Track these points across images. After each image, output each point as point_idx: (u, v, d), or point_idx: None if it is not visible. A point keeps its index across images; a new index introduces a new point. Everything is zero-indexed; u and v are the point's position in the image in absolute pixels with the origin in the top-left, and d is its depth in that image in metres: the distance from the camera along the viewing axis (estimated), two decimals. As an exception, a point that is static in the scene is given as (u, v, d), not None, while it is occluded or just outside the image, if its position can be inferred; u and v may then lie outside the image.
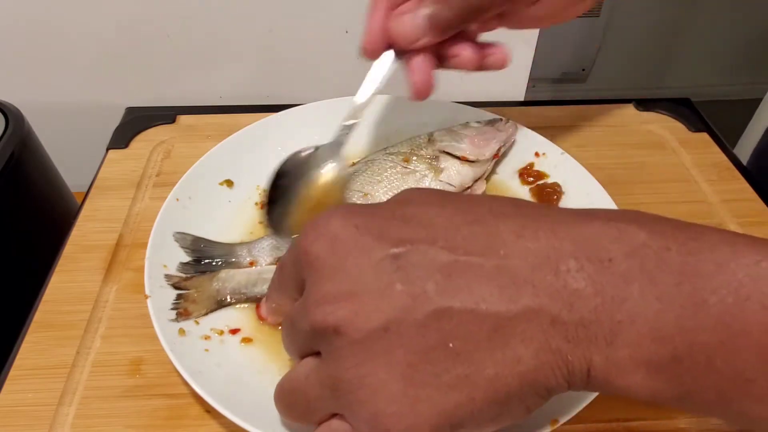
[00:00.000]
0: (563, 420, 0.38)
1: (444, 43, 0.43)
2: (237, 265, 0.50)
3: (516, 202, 0.29)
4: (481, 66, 0.44)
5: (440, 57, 0.44)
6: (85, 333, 0.47)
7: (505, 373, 0.26)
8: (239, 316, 0.47)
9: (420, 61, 0.43)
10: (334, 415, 0.30)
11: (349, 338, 0.26)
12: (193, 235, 0.51)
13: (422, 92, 0.44)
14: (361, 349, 0.26)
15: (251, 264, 0.50)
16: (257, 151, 0.59)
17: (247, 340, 0.45)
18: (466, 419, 0.26)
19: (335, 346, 0.27)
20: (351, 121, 0.48)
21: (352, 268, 0.27)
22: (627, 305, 0.25)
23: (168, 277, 0.47)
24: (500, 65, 0.45)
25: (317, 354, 0.29)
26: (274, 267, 0.48)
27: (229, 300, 0.47)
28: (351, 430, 0.29)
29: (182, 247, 0.49)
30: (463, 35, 0.43)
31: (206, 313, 0.45)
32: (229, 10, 0.71)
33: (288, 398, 0.32)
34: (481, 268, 0.26)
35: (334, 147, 0.48)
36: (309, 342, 0.29)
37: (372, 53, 0.44)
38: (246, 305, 0.47)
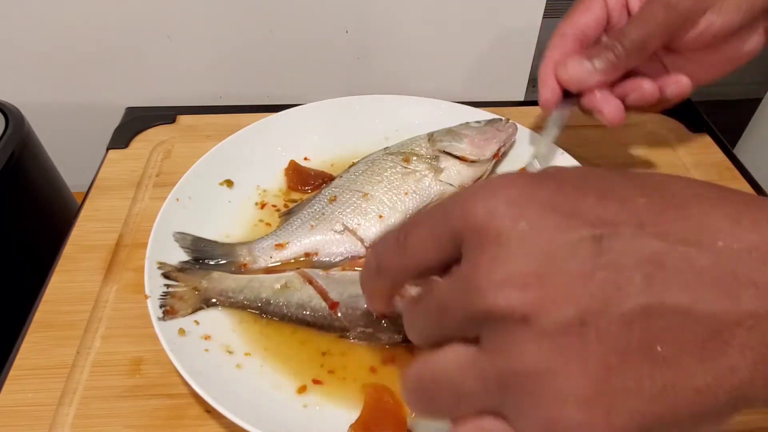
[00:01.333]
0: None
1: (618, 83, 0.48)
2: (236, 265, 0.50)
3: (714, 185, 0.25)
4: (663, 97, 0.48)
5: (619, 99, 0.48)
6: (85, 333, 0.47)
7: (716, 385, 0.22)
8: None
9: (600, 96, 0.47)
10: (485, 412, 0.25)
11: (537, 328, 0.22)
12: (192, 235, 0.51)
13: (616, 116, 0.47)
14: (550, 342, 0.22)
15: (245, 266, 0.50)
16: (257, 151, 0.59)
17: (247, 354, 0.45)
18: None
19: (515, 336, 0.23)
20: (537, 164, 0.53)
21: (543, 246, 0.23)
22: None
23: (161, 264, 0.47)
24: (683, 94, 0.48)
25: (468, 341, 0.25)
26: (263, 276, 0.48)
27: (214, 301, 0.47)
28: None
29: (182, 247, 0.50)
30: (632, 72, 0.47)
31: (192, 312, 0.45)
32: (229, 11, 0.71)
33: (429, 390, 0.26)
34: (697, 260, 0.22)
35: None
36: (465, 327, 0.25)
37: (550, 103, 0.49)
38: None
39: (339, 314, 0.45)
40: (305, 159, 0.61)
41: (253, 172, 0.58)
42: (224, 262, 0.50)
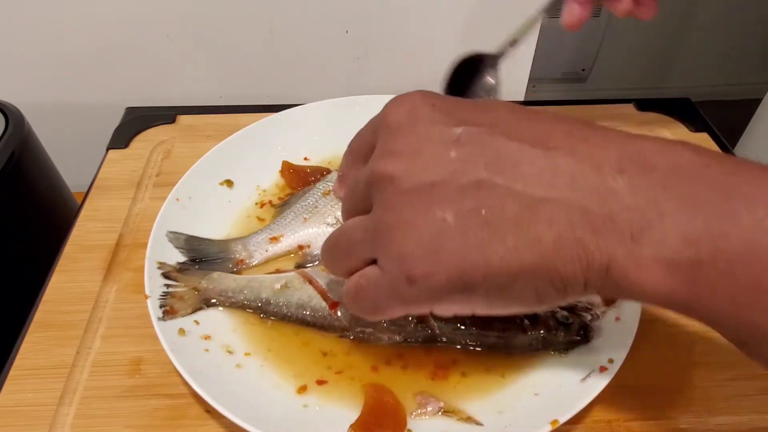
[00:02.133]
0: (563, 420, 0.38)
1: None
2: (233, 262, 0.50)
3: (578, 119, 0.31)
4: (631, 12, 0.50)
5: None
6: (85, 333, 0.47)
7: (523, 248, 0.28)
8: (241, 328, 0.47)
9: None
10: (366, 263, 0.33)
11: (399, 187, 0.30)
12: (186, 234, 0.51)
13: (578, 22, 0.50)
14: (407, 198, 0.29)
15: (241, 261, 0.50)
16: (257, 151, 0.59)
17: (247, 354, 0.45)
18: (478, 282, 0.29)
19: (386, 194, 0.30)
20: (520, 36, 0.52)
21: (419, 132, 0.30)
22: (660, 207, 0.26)
23: (161, 264, 0.47)
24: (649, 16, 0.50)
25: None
26: (263, 276, 0.48)
27: (214, 301, 0.47)
28: (379, 275, 0.31)
29: (176, 247, 0.49)
30: None
31: (192, 312, 0.45)
32: (229, 10, 0.71)
33: (334, 242, 0.35)
34: (527, 154, 0.29)
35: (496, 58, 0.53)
36: (365, 196, 0.32)
37: None
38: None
39: (339, 314, 0.45)
40: (305, 159, 0.61)
41: (253, 172, 0.58)
42: (220, 259, 0.50)
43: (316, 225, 0.52)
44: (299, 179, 0.58)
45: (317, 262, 0.51)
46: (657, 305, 0.28)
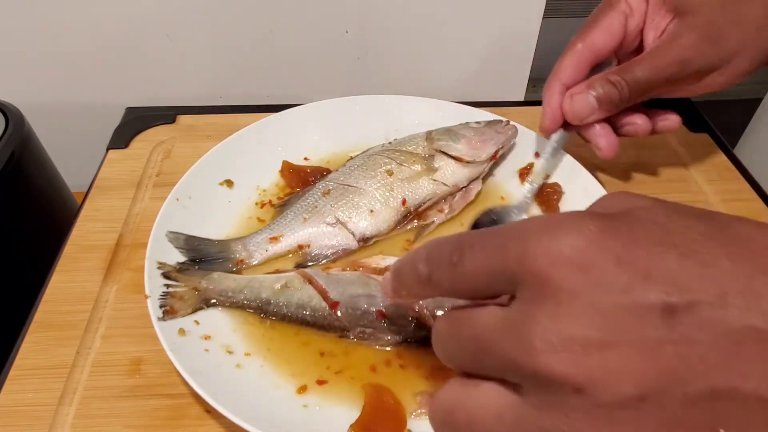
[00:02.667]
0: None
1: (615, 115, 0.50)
2: (233, 262, 0.50)
3: None
4: (654, 131, 0.52)
5: (612, 125, 0.51)
6: (85, 333, 0.47)
7: None
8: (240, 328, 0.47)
9: (599, 129, 0.50)
10: None
11: (593, 401, 0.20)
12: (185, 234, 0.51)
13: (611, 152, 0.51)
14: (603, 416, 0.20)
15: (241, 262, 0.50)
16: (257, 151, 0.59)
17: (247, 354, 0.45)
18: None
19: (566, 402, 0.21)
20: (533, 184, 0.54)
21: (609, 309, 0.20)
22: None
23: (161, 265, 0.47)
24: (673, 129, 0.53)
25: (506, 384, 0.24)
26: (263, 276, 0.48)
27: (214, 301, 0.47)
28: None
29: (176, 247, 0.49)
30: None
31: (192, 312, 0.45)
32: (229, 10, 0.71)
33: (461, 430, 0.25)
34: None
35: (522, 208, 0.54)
36: (505, 373, 0.23)
37: (550, 131, 0.52)
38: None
39: (339, 314, 0.45)
40: (305, 159, 0.61)
41: (253, 172, 0.58)
42: (220, 259, 0.50)
43: (316, 225, 0.52)
44: (299, 179, 0.58)
45: (317, 262, 0.51)
46: None
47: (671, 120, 0.53)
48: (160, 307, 0.44)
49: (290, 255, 0.51)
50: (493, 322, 0.23)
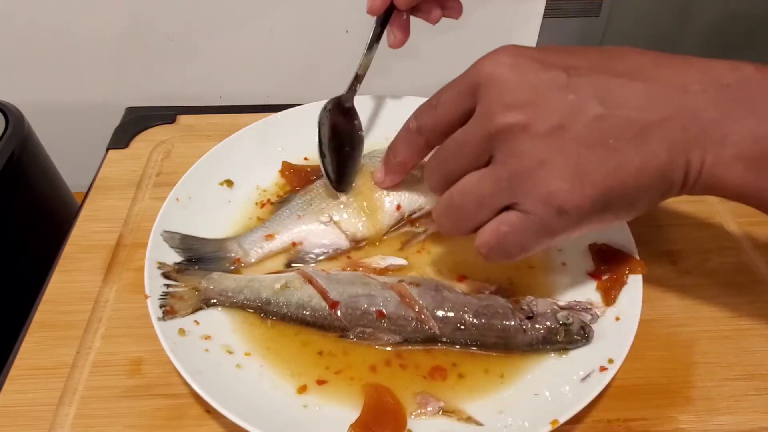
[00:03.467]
0: (563, 420, 0.38)
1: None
2: (230, 261, 0.50)
3: (654, 51, 0.36)
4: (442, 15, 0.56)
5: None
6: (85, 333, 0.47)
7: (647, 165, 0.33)
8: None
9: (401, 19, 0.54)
10: (501, 212, 0.36)
11: (533, 132, 0.33)
12: (181, 234, 0.50)
13: (401, 43, 0.55)
14: (542, 141, 0.33)
15: (238, 261, 0.50)
16: (257, 151, 0.59)
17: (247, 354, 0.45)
18: (615, 199, 0.34)
19: (517, 143, 0.34)
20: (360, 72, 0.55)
21: (531, 83, 0.34)
22: (735, 116, 0.33)
23: (161, 265, 0.47)
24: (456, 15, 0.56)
25: (485, 165, 0.36)
26: (262, 276, 0.48)
27: (214, 301, 0.47)
28: (523, 217, 0.35)
29: (172, 246, 0.49)
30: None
31: (192, 312, 0.45)
32: (230, 11, 0.71)
33: (457, 202, 0.38)
34: (632, 86, 0.34)
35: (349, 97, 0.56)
36: (480, 152, 0.36)
37: (376, 11, 0.53)
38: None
39: (339, 314, 0.45)
40: (305, 159, 0.61)
41: (253, 172, 0.58)
42: (217, 258, 0.50)
43: (310, 222, 0.52)
44: (299, 179, 0.58)
45: (309, 260, 0.51)
46: (732, 199, 0.35)
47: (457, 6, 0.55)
48: (160, 307, 0.44)
49: (287, 252, 0.51)
50: (463, 128, 0.37)
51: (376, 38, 0.54)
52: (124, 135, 0.66)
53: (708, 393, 0.44)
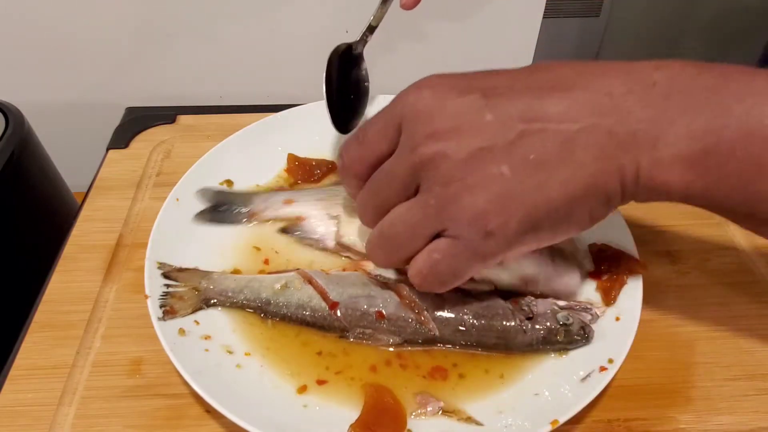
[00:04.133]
0: (563, 420, 0.38)
1: None
2: (247, 215, 0.53)
3: (576, 61, 0.35)
4: None
5: None
6: (85, 333, 0.47)
7: (573, 177, 0.32)
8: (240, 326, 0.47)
9: None
10: (432, 241, 0.36)
11: (454, 159, 0.33)
12: (216, 188, 0.55)
13: (413, 2, 0.54)
14: (464, 166, 0.33)
15: (254, 215, 0.53)
16: (257, 151, 0.59)
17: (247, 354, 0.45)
18: (543, 218, 0.33)
19: (441, 170, 0.33)
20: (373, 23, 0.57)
21: (450, 110, 0.34)
22: (667, 114, 0.31)
23: (161, 265, 0.47)
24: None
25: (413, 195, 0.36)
26: (262, 276, 0.48)
27: (214, 301, 0.47)
28: (453, 242, 0.35)
29: (205, 200, 0.53)
30: None
31: (192, 312, 0.45)
32: (230, 11, 0.71)
33: (388, 233, 0.37)
34: (552, 98, 0.33)
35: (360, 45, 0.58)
36: (407, 183, 0.35)
37: None
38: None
39: (339, 314, 0.45)
40: (305, 159, 0.61)
41: (253, 172, 0.58)
42: (237, 209, 0.53)
43: (321, 208, 0.53)
44: (304, 172, 0.58)
45: (298, 237, 0.52)
46: (680, 201, 0.33)
47: None
48: (160, 307, 0.44)
49: (290, 221, 0.54)
50: (390, 160, 0.36)
51: None
52: (124, 135, 0.66)
53: (708, 393, 0.44)
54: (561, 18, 1.49)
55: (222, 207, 0.54)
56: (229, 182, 0.56)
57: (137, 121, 0.68)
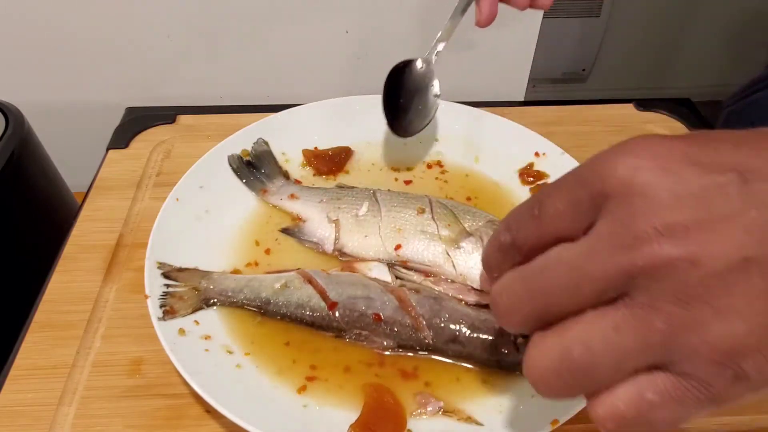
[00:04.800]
0: (563, 420, 0.38)
1: None
2: (260, 189, 0.56)
3: None
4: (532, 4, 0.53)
5: None
6: (85, 333, 0.47)
7: None
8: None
9: None
10: (639, 371, 0.26)
11: (707, 270, 0.23)
12: (266, 148, 0.59)
13: (489, 20, 0.51)
14: (719, 282, 0.23)
15: (265, 192, 0.55)
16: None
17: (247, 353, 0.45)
18: None
19: (680, 282, 0.23)
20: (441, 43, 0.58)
21: (694, 194, 0.24)
22: None
23: (161, 265, 0.47)
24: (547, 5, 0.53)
25: (609, 303, 0.25)
26: (262, 275, 0.48)
27: (214, 301, 0.47)
28: (679, 382, 0.25)
29: (255, 150, 0.58)
30: None
31: (192, 312, 0.45)
32: (230, 11, 0.71)
33: (582, 360, 0.26)
34: None
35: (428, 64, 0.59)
36: (609, 288, 0.25)
37: None
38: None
39: (337, 314, 0.44)
40: (305, 159, 0.61)
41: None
42: (262, 177, 0.57)
43: (323, 211, 0.53)
44: (324, 163, 0.59)
45: (297, 238, 0.52)
46: None
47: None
48: (160, 307, 0.44)
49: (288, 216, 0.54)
50: (579, 251, 0.26)
51: (461, 10, 0.55)
52: (124, 135, 0.66)
53: (708, 393, 0.44)
54: (561, 18, 1.49)
55: (254, 165, 0.57)
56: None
57: (137, 121, 0.68)
